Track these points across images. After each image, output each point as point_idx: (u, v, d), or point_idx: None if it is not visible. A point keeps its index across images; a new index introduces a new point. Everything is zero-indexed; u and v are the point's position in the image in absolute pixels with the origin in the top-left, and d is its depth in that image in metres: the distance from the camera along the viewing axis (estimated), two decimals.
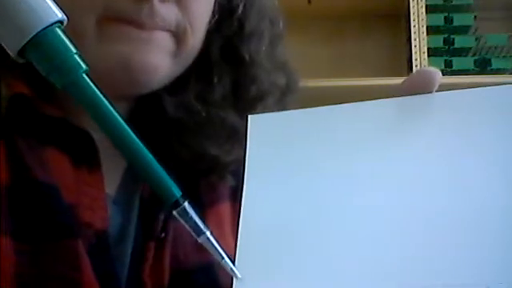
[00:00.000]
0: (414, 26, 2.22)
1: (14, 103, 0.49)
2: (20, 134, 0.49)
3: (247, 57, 0.58)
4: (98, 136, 0.52)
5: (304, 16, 2.23)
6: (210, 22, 0.56)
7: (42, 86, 0.50)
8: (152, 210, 0.54)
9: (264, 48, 0.59)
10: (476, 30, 2.31)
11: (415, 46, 2.20)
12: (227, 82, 0.58)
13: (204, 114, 0.56)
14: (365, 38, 2.46)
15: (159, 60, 0.51)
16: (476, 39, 2.27)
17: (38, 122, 0.50)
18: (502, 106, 0.43)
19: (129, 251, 0.53)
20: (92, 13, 0.48)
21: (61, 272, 0.46)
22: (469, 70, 2.22)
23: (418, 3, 2.23)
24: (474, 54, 2.27)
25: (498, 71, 2.23)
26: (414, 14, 2.23)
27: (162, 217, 0.54)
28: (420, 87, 0.44)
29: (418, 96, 0.44)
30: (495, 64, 2.23)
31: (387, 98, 0.46)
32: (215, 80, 0.57)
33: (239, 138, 0.55)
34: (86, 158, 0.51)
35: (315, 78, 1.93)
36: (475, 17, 2.30)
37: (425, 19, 2.22)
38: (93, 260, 0.48)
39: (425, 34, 2.21)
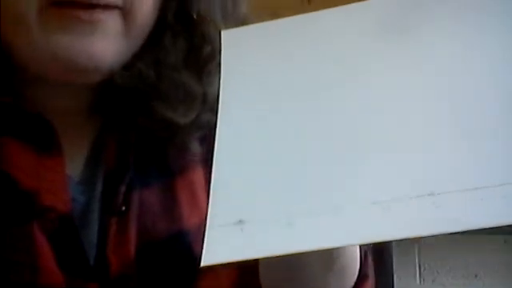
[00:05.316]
0: None
1: None
2: None
3: (197, 15, 0.55)
4: (58, 120, 0.52)
5: None
6: None
7: None
8: (113, 184, 0.54)
9: (217, 5, 0.57)
10: None
11: None
12: (182, 43, 0.56)
13: (154, 78, 0.54)
14: None
15: (106, 47, 0.48)
16: None
17: None
18: None
19: (95, 230, 0.53)
20: None
21: (18, 259, 0.47)
22: None
23: None
24: None
25: None
26: None
27: (122, 190, 0.53)
28: None
29: None
30: None
31: None
32: (168, 43, 0.55)
33: (195, 99, 0.55)
34: (45, 143, 0.51)
35: None
36: None
37: None
38: (58, 243, 0.49)
39: None
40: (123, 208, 0.53)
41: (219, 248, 0.35)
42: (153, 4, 0.52)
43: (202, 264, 0.35)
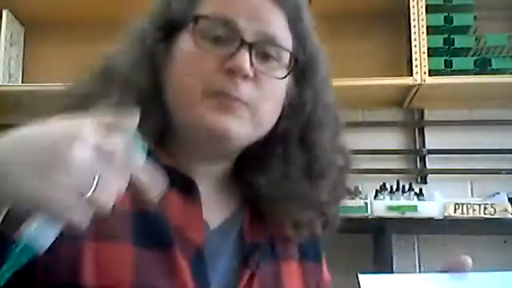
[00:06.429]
0: (414, 26, 2.22)
1: None
2: None
3: (316, 143, 0.78)
4: (209, 183, 0.77)
5: None
6: (283, 106, 0.77)
7: (162, 139, 0.74)
8: (249, 245, 0.76)
9: (327, 135, 0.80)
10: (476, 30, 2.31)
11: (415, 46, 2.20)
12: (300, 162, 0.78)
13: (287, 190, 0.77)
14: (365, 38, 2.46)
15: (237, 126, 0.71)
16: (476, 39, 2.27)
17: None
18: None
19: (220, 268, 0.72)
20: (199, 86, 0.71)
21: (164, 269, 0.67)
22: (469, 70, 2.22)
23: (418, 3, 2.23)
24: (474, 54, 2.27)
25: (497, 71, 2.23)
26: (413, 13, 2.23)
27: (257, 255, 0.75)
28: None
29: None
30: (495, 64, 2.23)
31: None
32: (294, 161, 0.78)
33: (311, 203, 0.78)
34: (190, 195, 0.73)
35: None
36: (475, 17, 2.30)
37: (425, 19, 2.22)
38: (193, 267, 0.68)
39: (425, 33, 2.21)
40: (256, 269, 0.74)
41: None
42: (273, 112, 0.75)
43: None
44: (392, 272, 2.04)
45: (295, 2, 0.77)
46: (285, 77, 0.75)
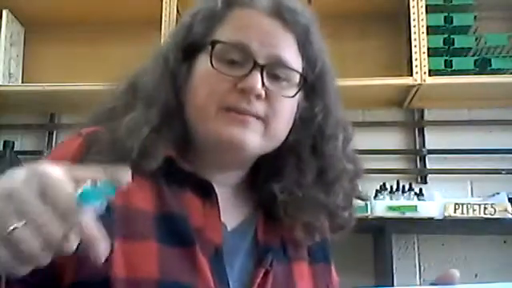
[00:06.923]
0: (414, 26, 2.22)
1: (166, 162, 0.77)
2: (166, 182, 0.78)
3: (327, 153, 0.84)
4: (222, 188, 0.81)
5: None
6: (294, 119, 0.82)
7: (183, 149, 0.81)
8: (263, 246, 0.81)
9: (338, 145, 0.85)
10: (476, 30, 2.31)
11: (415, 46, 2.20)
12: (313, 169, 0.84)
13: (300, 195, 0.82)
14: (365, 37, 2.46)
15: (250, 139, 0.77)
16: (476, 39, 2.27)
17: (179, 174, 0.79)
18: None
19: (236, 267, 0.78)
20: (214, 104, 0.77)
21: (187, 265, 0.72)
22: (469, 70, 2.22)
23: (418, 3, 2.23)
24: (474, 54, 2.27)
25: (497, 71, 2.23)
26: (414, 13, 2.23)
27: (270, 255, 0.81)
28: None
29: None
30: (495, 64, 2.23)
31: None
32: (306, 169, 0.83)
33: (324, 208, 0.84)
34: (208, 198, 0.79)
35: None
36: (475, 17, 2.30)
37: (425, 19, 2.22)
38: (212, 265, 0.74)
39: (425, 33, 2.21)
40: (269, 267, 0.79)
41: None
42: (284, 126, 0.81)
43: None
44: (392, 273, 2.04)
45: (305, 25, 0.82)
46: (294, 95, 0.80)
